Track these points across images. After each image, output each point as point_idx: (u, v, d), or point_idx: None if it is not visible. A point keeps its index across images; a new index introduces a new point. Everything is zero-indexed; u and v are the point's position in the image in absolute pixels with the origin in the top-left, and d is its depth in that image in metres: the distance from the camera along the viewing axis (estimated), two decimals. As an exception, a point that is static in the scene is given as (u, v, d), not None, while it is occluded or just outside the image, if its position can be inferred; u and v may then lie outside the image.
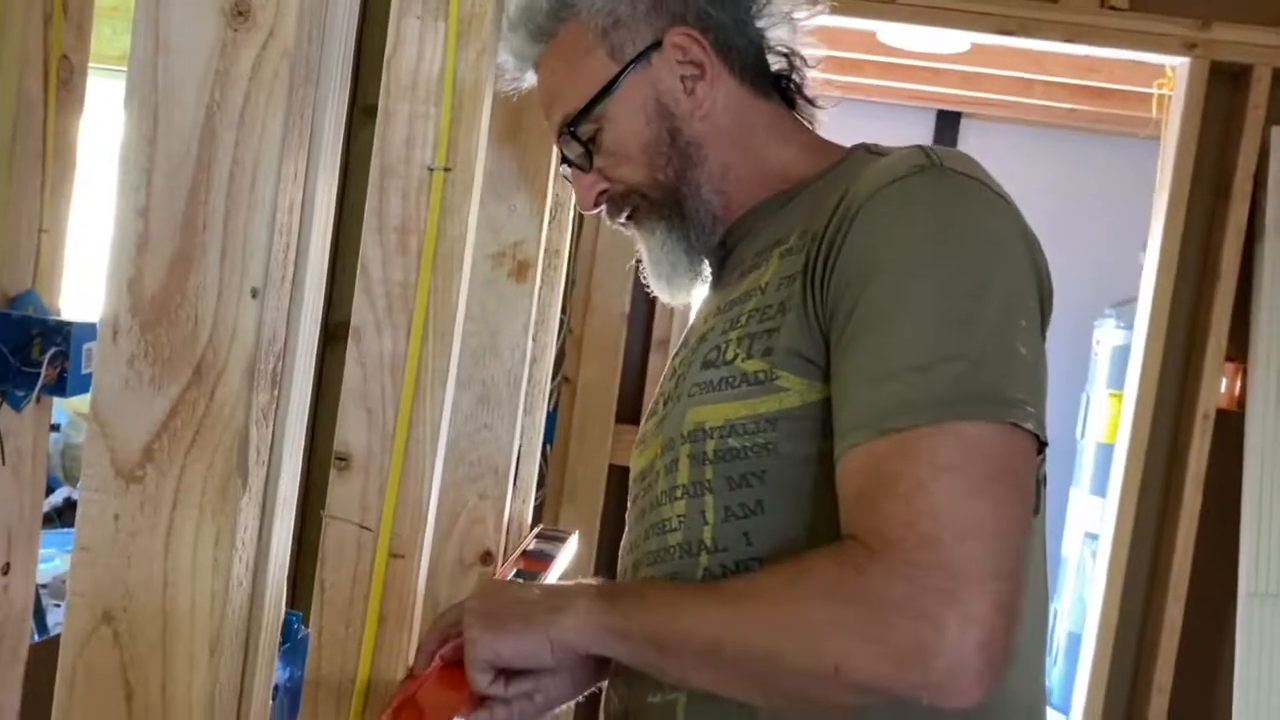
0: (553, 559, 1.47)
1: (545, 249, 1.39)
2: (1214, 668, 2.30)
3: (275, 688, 0.79)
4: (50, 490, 2.38)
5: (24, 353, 1.21)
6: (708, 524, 0.85)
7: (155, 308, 0.65)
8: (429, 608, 1.14)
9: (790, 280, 0.84)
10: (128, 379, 0.65)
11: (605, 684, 0.99)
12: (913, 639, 0.68)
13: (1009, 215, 0.82)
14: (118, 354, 0.65)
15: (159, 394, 0.65)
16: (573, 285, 2.31)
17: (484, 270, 1.32)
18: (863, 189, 0.82)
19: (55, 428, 2.71)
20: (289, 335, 0.69)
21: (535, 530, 1.59)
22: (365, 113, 1.46)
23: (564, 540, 1.56)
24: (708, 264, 1.02)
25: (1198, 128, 2.19)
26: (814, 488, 0.80)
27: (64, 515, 2.74)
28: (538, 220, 1.34)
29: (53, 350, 1.21)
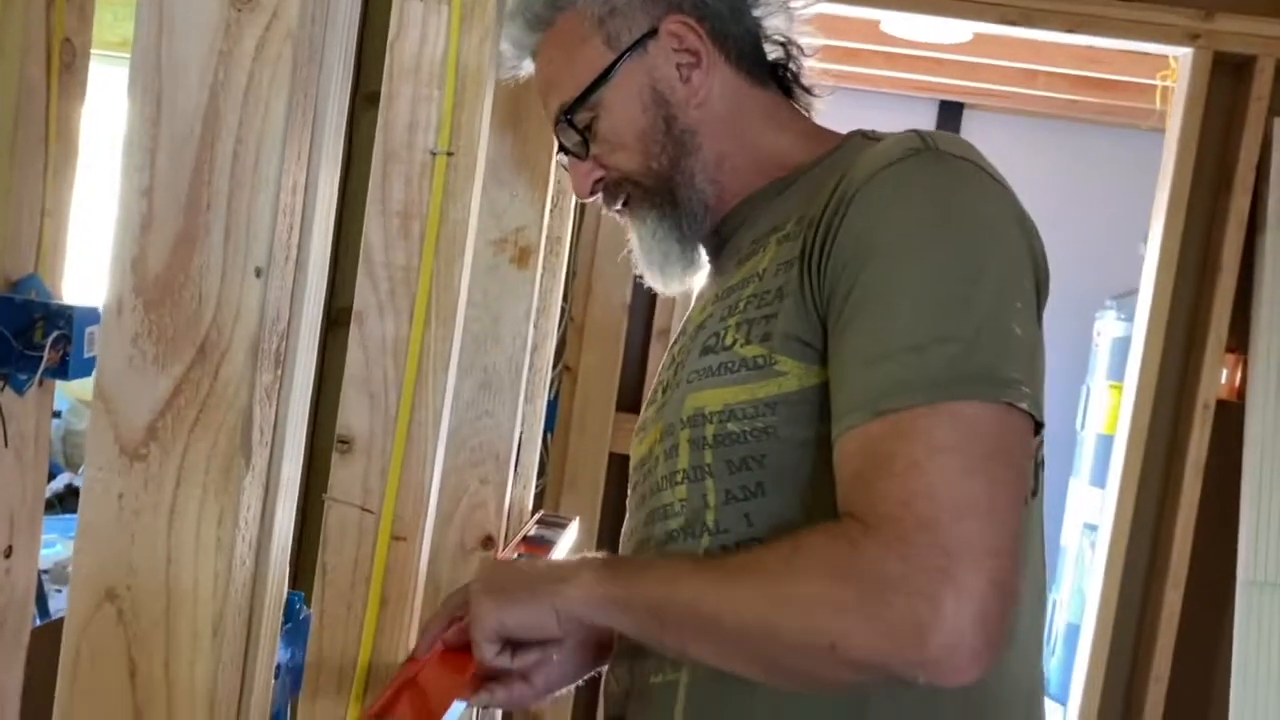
0: (553, 544, 1.47)
1: (547, 235, 1.39)
2: (1212, 658, 2.31)
3: (277, 667, 0.79)
4: (51, 476, 2.39)
5: (26, 336, 1.21)
6: (709, 507, 0.85)
7: (159, 287, 0.65)
8: (430, 592, 1.14)
9: (788, 266, 0.84)
10: (131, 358, 0.65)
11: (605, 669, 1.00)
12: (909, 616, 0.68)
13: (1004, 198, 0.82)
14: (121, 333, 0.65)
15: (163, 373, 0.65)
16: (574, 274, 2.31)
17: (486, 256, 1.32)
18: (859, 173, 0.82)
19: (56, 414, 2.72)
20: (292, 315, 0.70)
21: (536, 516, 1.59)
22: (367, 100, 1.46)
23: (565, 526, 1.56)
24: (702, 252, 1.02)
25: (1200, 119, 2.19)
26: (813, 471, 0.80)
27: (65, 501, 2.75)
28: (539, 206, 1.34)
29: (55, 334, 1.22)
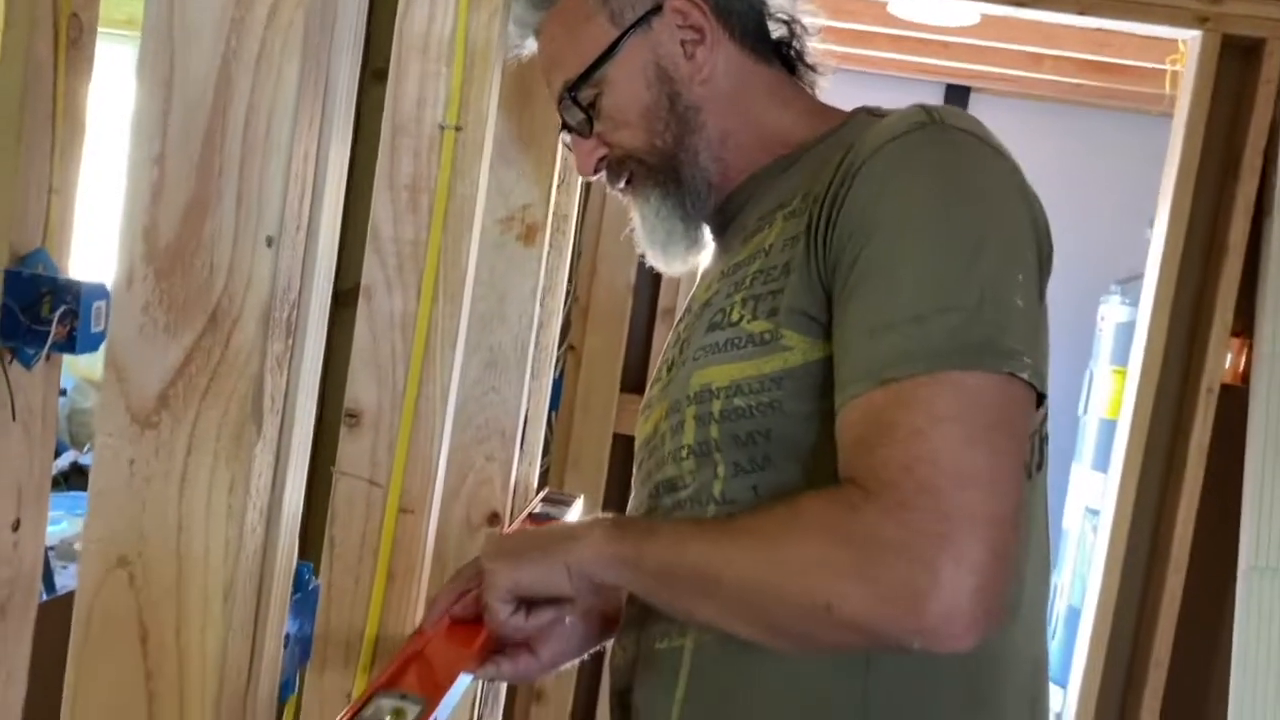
0: (558, 522, 1.48)
1: (554, 214, 1.39)
2: (1213, 643, 2.31)
3: (286, 637, 0.80)
4: (57, 454, 2.40)
5: (34, 311, 1.21)
6: (717, 478, 0.86)
7: (170, 255, 0.65)
8: (437, 567, 1.15)
9: (794, 241, 0.84)
10: (142, 325, 0.65)
11: (610, 642, 1.00)
12: (906, 582, 0.69)
13: (1008, 171, 0.82)
14: (132, 300, 0.65)
15: (174, 341, 0.66)
16: (579, 254, 2.31)
17: (493, 234, 1.32)
18: (865, 147, 0.82)
19: (62, 392, 2.73)
20: (303, 285, 0.70)
21: (541, 493, 1.59)
22: (375, 76, 1.45)
23: (569, 504, 1.57)
24: (706, 231, 1.02)
25: (1208, 102, 2.18)
26: (820, 444, 0.81)
27: (70, 479, 2.76)
28: (546, 184, 1.34)
29: (62, 309, 1.22)
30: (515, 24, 1.05)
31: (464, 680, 0.92)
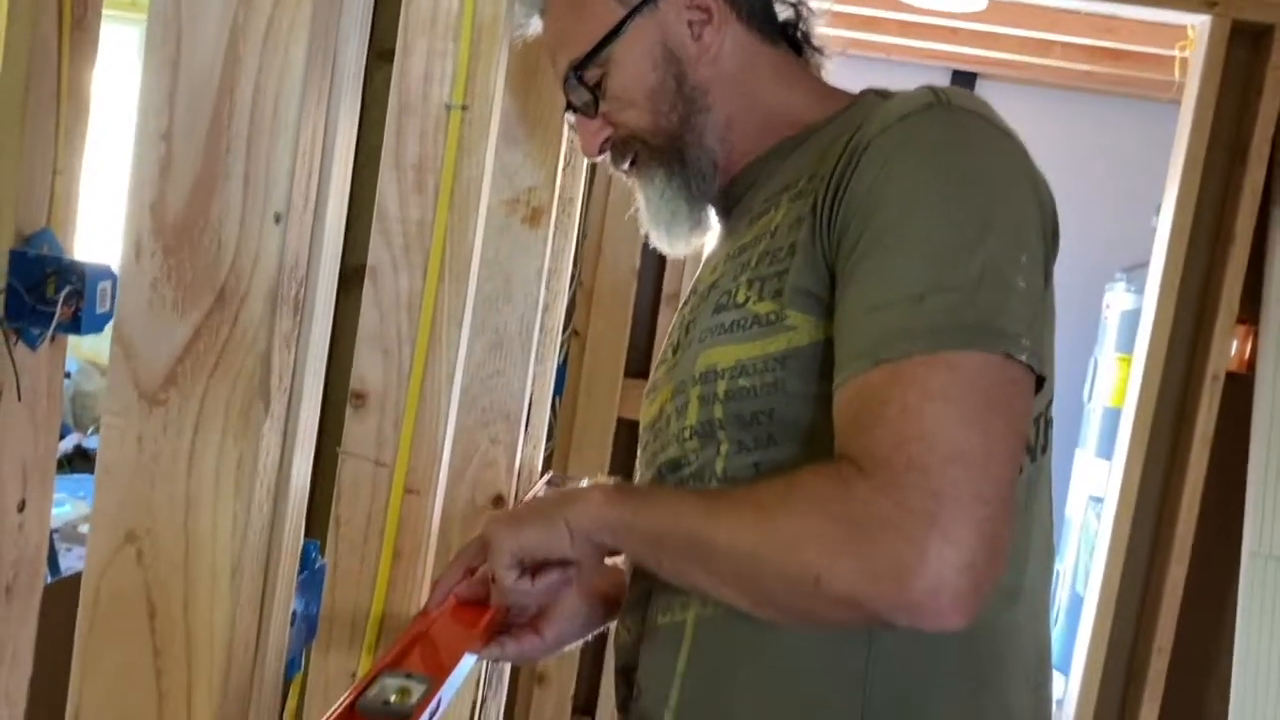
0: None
1: (559, 196, 1.38)
2: (1215, 630, 2.31)
3: (293, 615, 0.80)
4: (61, 437, 2.40)
5: (39, 291, 1.21)
6: (720, 456, 0.86)
7: (177, 232, 0.65)
8: (442, 549, 1.15)
9: (799, 222, 0.84)
10: (150, 301, 0.65)
11: (614, 623, 1.01)
12: (893, 557, 0.69)
13: (1015, 153, 0.82)
14: (140, 277, 0.65)
15: (181, 318, 0.66)
16: (584, 238, 2.30)
17: (498, 216, 1.32)
18: (872, 128, 0.82)
19: (66, 375, 2.73)
20: (310, 263, 0.70)
21: (546, 476, 1.60)
22: (381, 57, 1.45)
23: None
24: (709, 213, 1.02)
25: (1217, 88, 2.17)
26: (823, 425, 0.80)
27: (75, 462, 2.77)
28: (552, 167, 1.34)
29: (67, 289, 1.21)
30: (521, 2, 1.04)
31: (468, 660, 0.93)
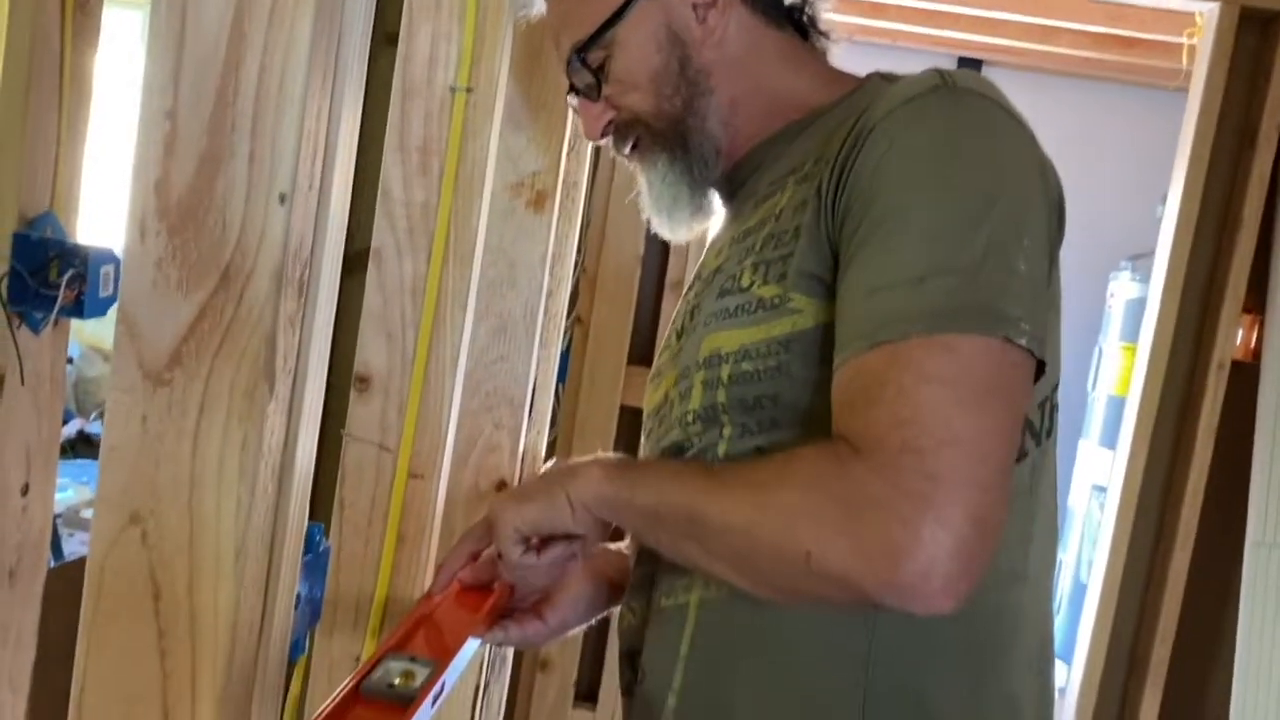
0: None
1: (563, 180, 1.37)
2: (1219, 619, 2.31)
3: (297, 597, 0.80)
4: (64, 421, 2.40)
5: (42, 274, 1.21)
6: (723, 439, 0.86)
7: (182, 211, 0.65)
8: (446, 533, 1.15)
9: (804, 205, 0.84)
10: (155, 281, 0.64)
11: (618, 607, 1.01)
12: (885, 538, 0.69)
13: (1021, 136, 0.82)
14: (145, 256, 0.65)
15: (186, 298, 0.65)
16: (588, 225, 2.29)
17: (502, 200, 1.31)
18: (877, 110, 0.82)
19: (69, 360, 2.73)
20: (315, 244, 0.69)
21: (549, 464, 1.59)
22: (386, 39, 1.44)
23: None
24: (714, 198, 1.01)
25: (1225, 74, 2.15)
26: (826, 410, 0.80)
27: (77, 447, 2.77)
28: (556, 151, 1.33)
29: (70, 273, 1.21)
30: None
31: (472, 644, 0.93)
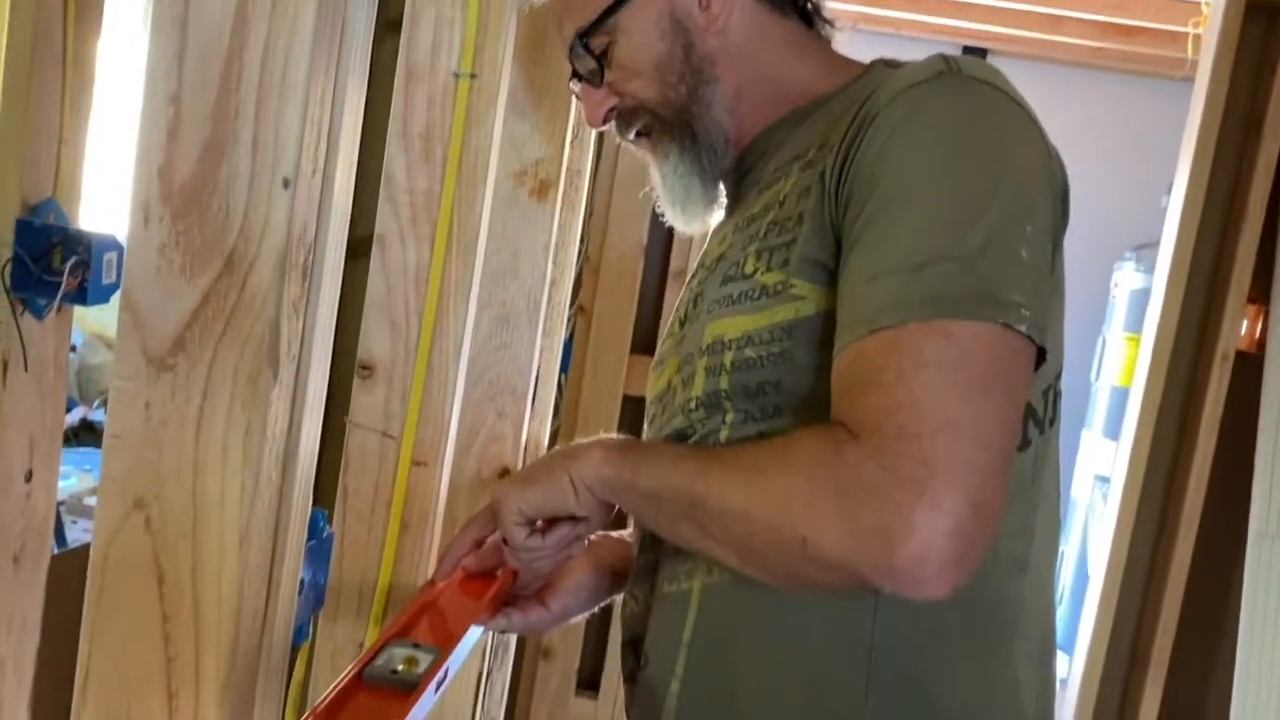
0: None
1: (567, 169, 1.37)
2: (1221, 609, 2.32)
3: (301, 583, 0.80)
4: (67, 409, 2.39)
5: (45, 261, 1.20)
6: (725, 425, 0.86)
7: (186, 196, 0.65)
8: (449, 521, 1.15)
9: (808, 191, 0.84)
10: (159, 267, 0.64)
11: (621, 595, 1.01)
12: (880, 522, 0.69)
13: (1025, 123, 0.81)
14: (148, 242, 0.65)
15: (190, 284, 0.65)
16: (591, 214, 2.29)
17: (506, 188, 1.31)
18: (882, 97, 0.81)
19: (72, 348, 2.72)
20: (319, 230, 0.69)
21: (552, 452, 1.59)
22: (389, 26, 1.43)
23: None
24: (723, 189, 1.01)
25: (1230, 64, 2.15)
26: (828, 396, 0.80)
27: (81, 435, 2.76)
28: (560, 139, 1.33)
29: (74, 259, 1.21)
30: None
31: (475, 631, 0.93)
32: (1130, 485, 2.27)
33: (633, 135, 1.00)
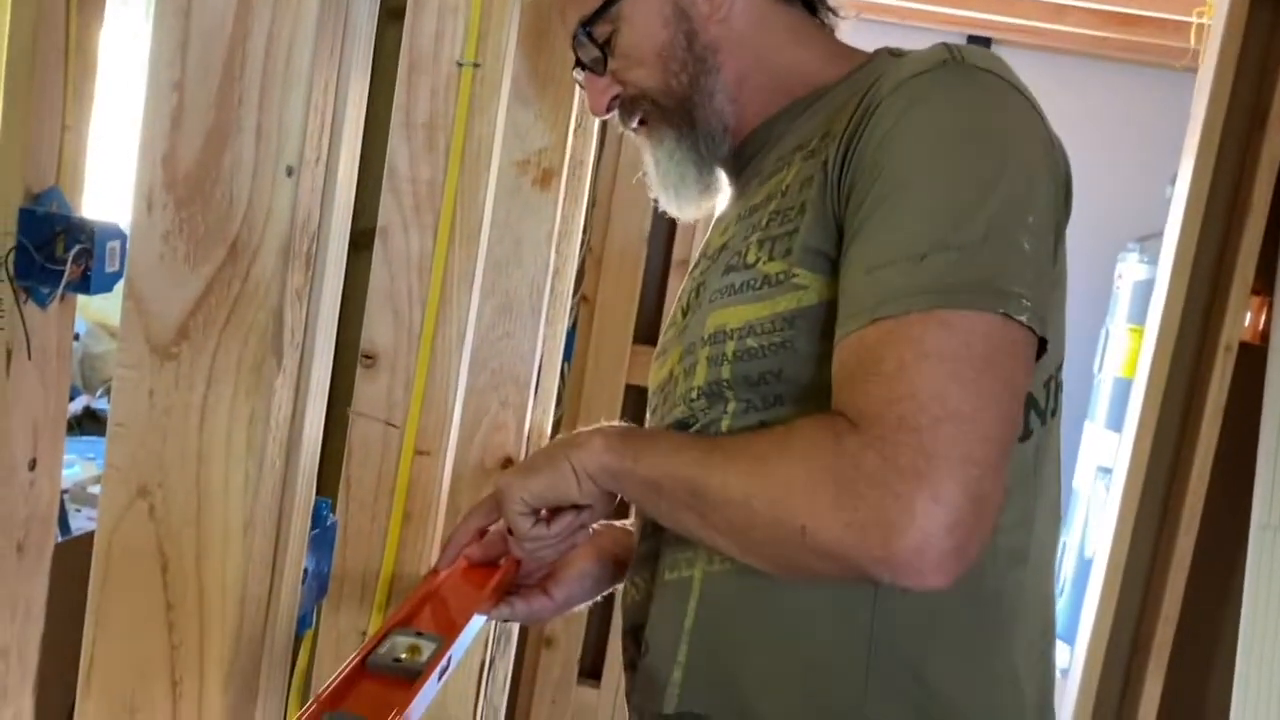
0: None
1: (570, 158, 1.37)
2: (1222, 600, 2.32)
3: (304, 571, 0.80)
4: (71, 398, 2.39)
5: (48, 249, 1.20)
6: (726, 414, 0.86)
7: (189, 184, 0.65)
8: (451, 511, 1.15)
9: (810, 180, 0.84)
10: (162, 254, 0.64)
11: (622, 584, 1.01)
12: (880, 513, 0.69)
13: (1028, 112, 0.81)
14: (152, 230, 0.65)
15: (193, 272, 0.65)
16: (593, 204, 2.29)
17: (509, 177, 1.31)
18: (884, 86, 0.81)
19: (75, 337, 2.72)
20: (322, 218, 0.69)
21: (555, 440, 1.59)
22: (392, 15, 1.43)
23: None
24: (720, 176, 1.01)
25: (1237, 54, 2.14)
26: (830, 386, 0.80)
27: (84, 424, 2.77)
28: (563, 128, 1.32)
29: (77, 248, 1.20)
30: None
31: (478, 620, 0.93)
32: (1132, 476, 2.26)
33: (635, 124, 1.00)
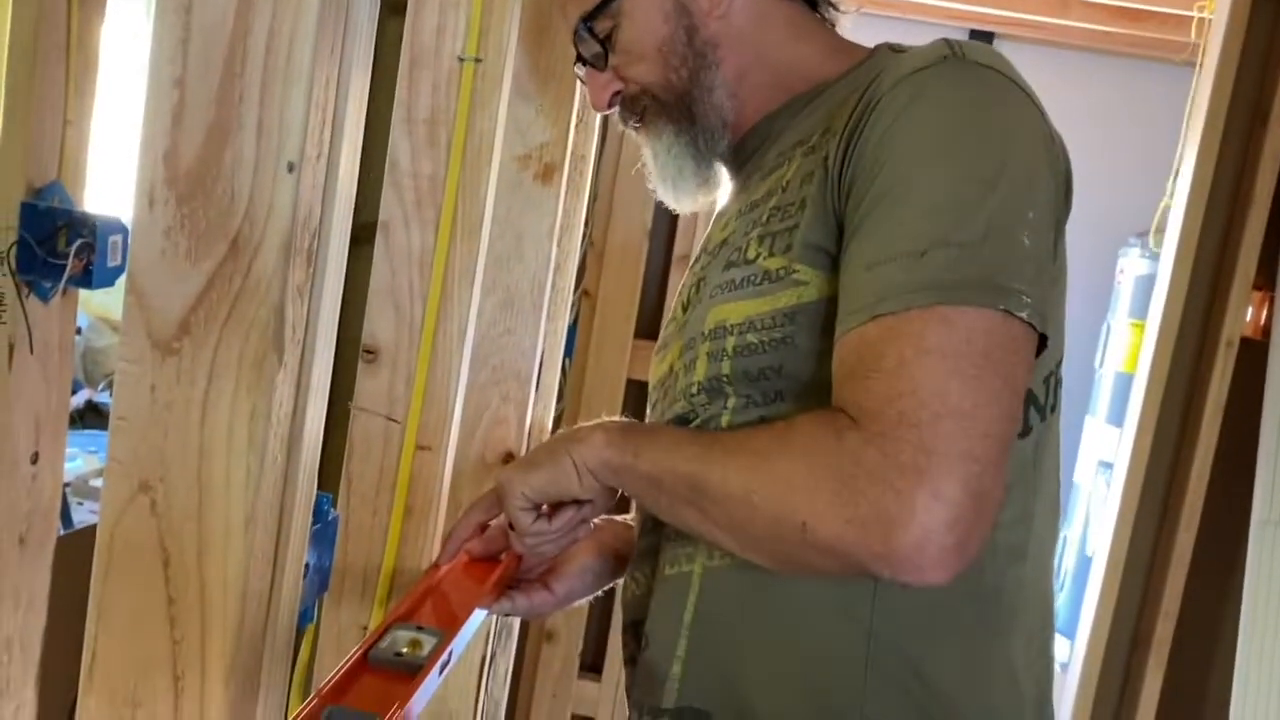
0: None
1: (571, 153, 1.37)
2: (1222, 595, 2.32)
3: (306, 566, 0.80)
4: (73, 392, 2.39)
5: (50, 244, 1.20)
6: (727, 409, 0.86)
7: (191, 180, 0.65)
8: (452, 506, 1.15)
9: (810, 176, 0.84)
10: (164, 250, 0.65)
11: (622, 579, 1.01)
12: (880, 509, 0.69)
13: (1029, 109, 0.81)
14: (153, 225, 0.65)
15: (195, 267, 0.65)
16: (595, 198, 2.29)
17: (510, 172, 1.31)
18: (885, 82, 0.82)
19: (77, 331, 2.72)
20: (324, 214, 0.69)
21: (556, 435, 1.59)
22: (392, 9, 1.43)
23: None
24: (720, 171, 1.01)
25: (1239, 49, 2.13)
26: (830, 382, 0.80)
27: (86, 418, 2.77)
28: (564, 123, 1.32)
29: (79, 242, 1.21)
30: None
31: (479, 615, 0.93)
32: (1133, 471, 2.27)
33: (636, 120, 1.01)
